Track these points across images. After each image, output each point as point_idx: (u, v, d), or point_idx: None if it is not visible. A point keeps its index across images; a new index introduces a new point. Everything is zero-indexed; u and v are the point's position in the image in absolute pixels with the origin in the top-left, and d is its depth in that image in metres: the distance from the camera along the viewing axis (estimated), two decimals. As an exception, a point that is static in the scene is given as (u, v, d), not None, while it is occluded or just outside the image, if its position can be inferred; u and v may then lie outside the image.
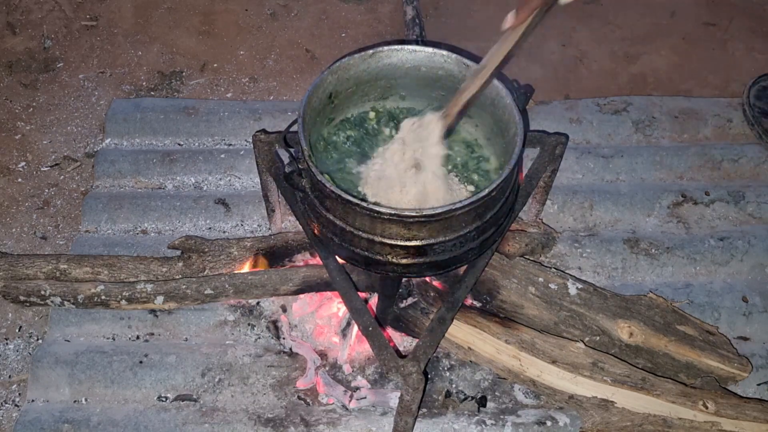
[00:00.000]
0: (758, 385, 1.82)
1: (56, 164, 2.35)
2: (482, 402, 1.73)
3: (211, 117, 2.38)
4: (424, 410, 1.71)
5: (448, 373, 1.78)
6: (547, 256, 2.02)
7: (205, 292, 1.76)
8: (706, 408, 1.62)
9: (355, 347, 1.81)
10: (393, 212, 1.27)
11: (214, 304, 1.88)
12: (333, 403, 1.73)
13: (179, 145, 2.36)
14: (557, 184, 2.03)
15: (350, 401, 1.73)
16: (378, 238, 1.34)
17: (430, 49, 1.53)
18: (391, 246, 1.35)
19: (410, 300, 1.75)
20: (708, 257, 2.05)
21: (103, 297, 1.76)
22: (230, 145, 2.36)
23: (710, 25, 2.92)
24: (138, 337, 1.87)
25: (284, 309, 1.89)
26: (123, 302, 1.77)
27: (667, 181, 2.27)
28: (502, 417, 1.70)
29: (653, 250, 2.04)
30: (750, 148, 2.33)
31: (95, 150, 2.36)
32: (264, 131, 1.75)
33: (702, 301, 1.95)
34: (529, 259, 1.91)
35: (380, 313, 1.74)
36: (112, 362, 1.77)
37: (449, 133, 1.42)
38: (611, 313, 1.78)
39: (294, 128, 1.39)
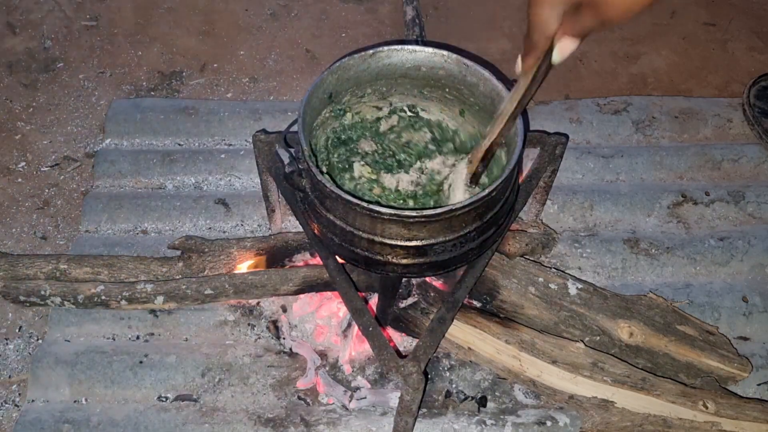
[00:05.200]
0: (758, 385, 1.82)
1: (56, 164, 2.36)
2: (482, 402, 1.73)
3: (211, 117, 2.38)
4: (424, 410, 1.71)
5: (448, 373, 1.78)
6: (547, 256, 2.02)
7: (205, 292, 1.76)
8: (706, 408, 1.62)
9: (355, 347, 1.81)
10: (393, 212, 1.27)
11: (214, 304, 1.88)
12: (333, 403, 1.73)
13: (179, 145, 2.36)
14: (557, 184, 2.03)
15: (350, 401, 1.73)
16: (378, 238, 1.34)
17: (430, 49, 1.53)
18: (392, 246, 1.35)
19: (410, 300, 1.75)
20: (708, 257, 2.05)
21: (103, 297, 1.76)
22: (230, 145, 2.36)
23: (710, 25, 2.92)
24: (138, 337, 1.87)
25: (284, 309, 1.89)
26: (123, 302, 1.77)
27: (667, 181, 2.27)
28: (502, 417, 1.70)
29: (653, 250, 2.05)
30: (750, 148, 2.33)
31: (95, 150, 2.36)
32: (264, 131, 1.75)
33: (702, 301, 1.95)
34: (529, 259, 1.91)
35: (380, 313, 1.74)
36: (112, 362, 1.77)
37: (476, 179, 1.42)
38: (611, 313, 1.78)
39: (294, 128, 1.39)
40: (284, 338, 1.84)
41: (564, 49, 1.05)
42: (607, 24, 0.96)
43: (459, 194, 1.43)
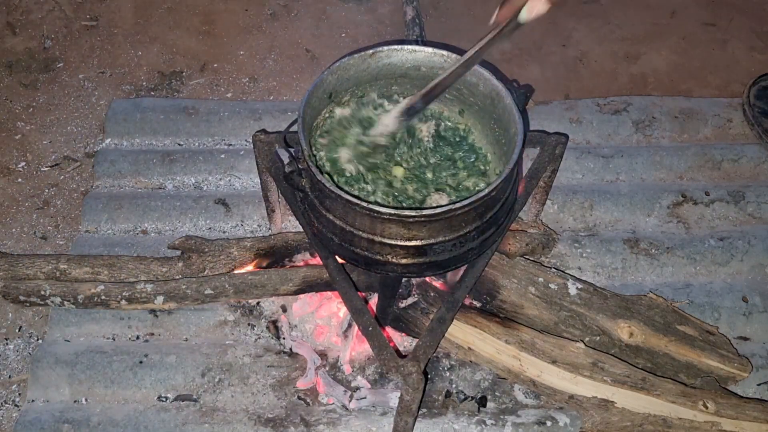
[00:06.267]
0: (758, 385, 1.82)
1: (56, 164, 2.35)
2: (482, 402, 1.73)
3: (211, 117, 2.38)
4: (424, 410, 1.71)
5: (448, 373, 1.78)
6: (547, 256, 2.02)
7: (205, 292, 1.76)
8: (706, 408, 1.62)
9: (356, 347, 1.81)
10: (393, 212, 1.27)
11: (214, 304, 1.88)
12: (333, 403, 1.73)
13: (179, 145, 2.36)
14: (557, 184, 2.03)
15: (350, 401, 1.73)
16: (378, 238, 1.34)
17: (429, 49, 1.53)
18: (391, 246, 1.35)
19: (410, 300, 1.75)
20: (708, 257, 2.05)
21: (103, 297, 1.76)
22: (230, 145, 2.36)
23: (710, 25, 2.92)
24: (138, 337, 1.87)
25: (284, 309, 1.89)
26: (123, 302, 1.77)
27: (667, 181, 2.27)
28: (502, 417, 1.70)
29: (653, 250, 2.04)
30: (750, 148, 2.33)
31: (95, 150, 2.36)
32: (264, 131, 1.75)
33: (702, 301, 1.95)
34: (529, 259, 1.91)
35: (380, 313, 1.74)
36: (112, 362, 1.77)
37: (411, 112, 1.45)
38: (611, 313, 1.78)
39: (294, 128, 1.39)
40: (284, 338, 1.84)
41: (533, 8, 1.15)
42: None
43: (389, 120, 1.45)
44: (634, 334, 1.75)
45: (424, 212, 1.27)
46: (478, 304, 1.83)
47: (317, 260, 1.84)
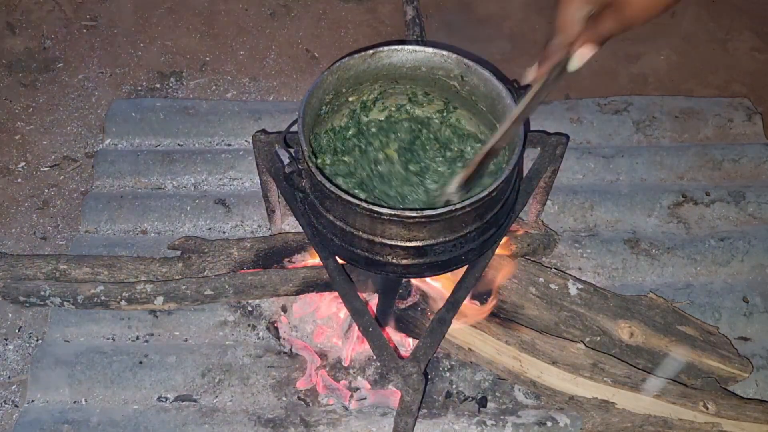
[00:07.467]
0: None
1: (56, 164, 2.35)
2: (482, 403, 1.73)
3: (211, 117, 2.38)
4: (425, 411, 1.71)
5: (448, 374, 1.78)
6: (547, 257, 2.02)
7: (205, 293, 1.75)
8: (707, 409, 1.62)
9: (356, 347, 1.81)
10: (393, 213, 1.26)
11: (214, 305, 1.88)
12: (333, 404, 1.73)
13: (179, 145, 2.36)
14: (557, 184, 2.03)
15: (350, 401, 1.72)
16: (378, 239, 1.33)
17: (430, 49, 1.53)
18: (391, 246, 1.34)
19: (410, 300, 1.74)
20: (708, 257, 2.05)
21: (102, 297, 1.76)
22: (230, 145, 2.36)
23: (711, 24, 2.91)
24: (138, 338, 1.87)
25: (284, 309, 1.89)
26: (123, 303, 1.77)
27: (668, 181, 2.27)
28: (502, 418, 1.70)
29: (654, 251, 2.04)
30: (751, 148, 2.32)
31: (95, 150, 2.36)
32: (264, 131, 1.75)
33: (702, 301, 1.95)
34: (529, 259, 1.91)
35: (380, 313, 1.73)
36: (111, 363, 1.77)
37: (469, 183, 1.40)
38: (612, 313, 1.77)
39: (294, 128, 1.39)
40: (284, 339, 1.84)
41: (583, 55, 1.05)
42: (628, 26, 0.97)
43: (449, 196, 1.42)
44: (635, 334, 1.74)
45: (425, 213, 1.26)
46: (478, 305, 1.83)
47: (317, 260, 1.84)
